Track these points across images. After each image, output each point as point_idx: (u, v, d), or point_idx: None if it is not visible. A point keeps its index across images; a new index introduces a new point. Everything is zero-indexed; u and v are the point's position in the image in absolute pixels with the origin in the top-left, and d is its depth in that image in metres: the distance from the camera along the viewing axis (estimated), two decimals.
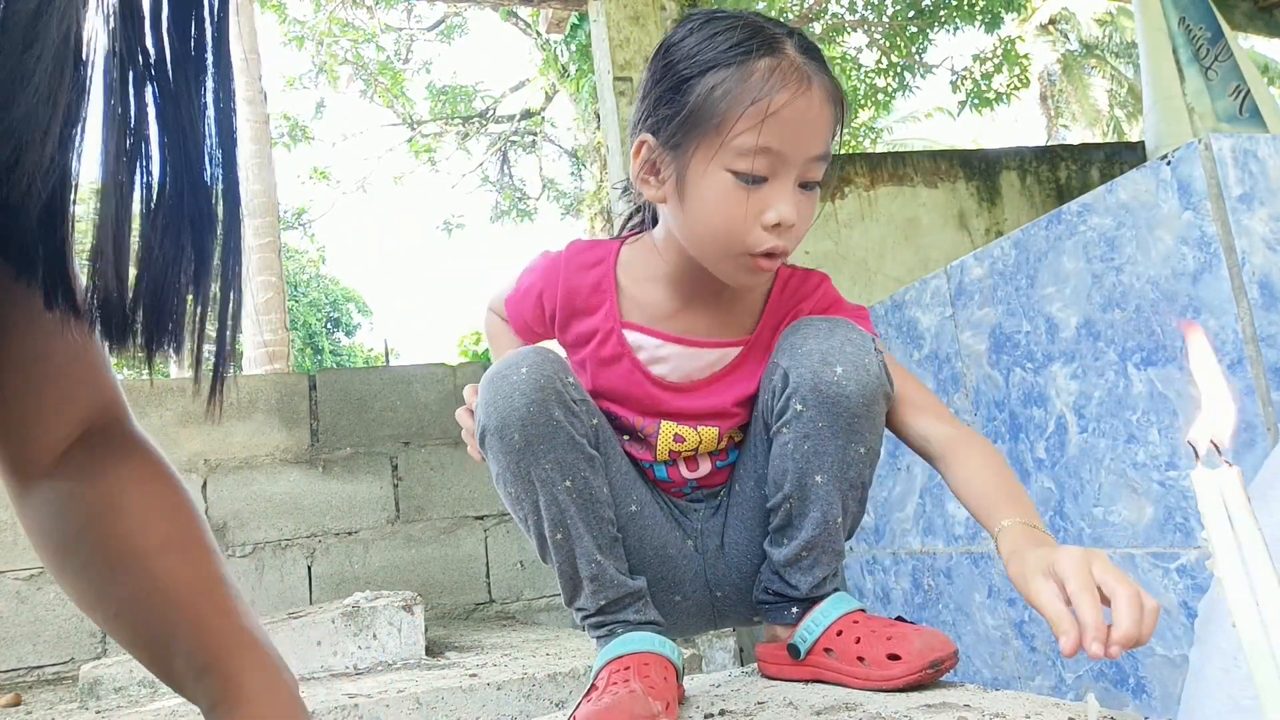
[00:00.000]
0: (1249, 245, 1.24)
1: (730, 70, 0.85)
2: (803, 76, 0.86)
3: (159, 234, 0.48)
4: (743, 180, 0.86)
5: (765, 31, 0.87)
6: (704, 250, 0.92)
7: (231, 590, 0.58)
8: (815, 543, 0.95)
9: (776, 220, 0.86)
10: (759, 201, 0.86)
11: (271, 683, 0.55)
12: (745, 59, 0.85)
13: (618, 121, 3.31)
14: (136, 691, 1.88)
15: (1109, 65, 14.10)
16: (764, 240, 0.88)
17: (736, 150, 0.85)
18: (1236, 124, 3.08)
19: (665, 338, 0.99)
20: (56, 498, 0.60)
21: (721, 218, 0.88)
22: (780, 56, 0.86)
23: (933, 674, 0.88)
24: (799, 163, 0.87)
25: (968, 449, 0.93)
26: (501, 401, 0.90)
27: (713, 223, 0.89)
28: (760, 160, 0.85)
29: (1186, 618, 1.32)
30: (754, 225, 0.87)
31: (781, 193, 0.87)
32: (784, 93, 0.84)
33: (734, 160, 0.85)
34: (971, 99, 6.32)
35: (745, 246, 0.88)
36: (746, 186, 0.86)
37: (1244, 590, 0.45)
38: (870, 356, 0.93)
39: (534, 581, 3.10)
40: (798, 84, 0.85)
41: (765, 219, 0.87)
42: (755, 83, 0.84)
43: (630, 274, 1.01)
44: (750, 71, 0.85)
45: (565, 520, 0.92)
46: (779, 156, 0.85)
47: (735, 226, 0.87)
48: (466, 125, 10.29)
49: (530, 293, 1.04)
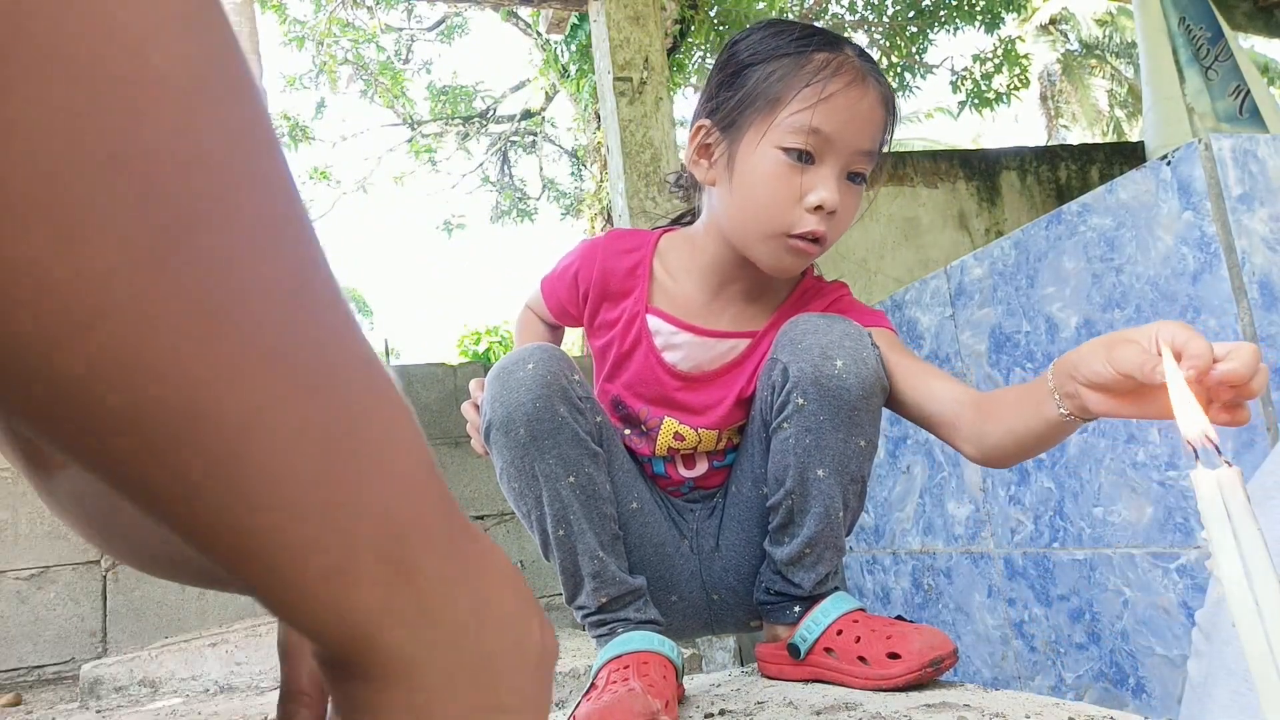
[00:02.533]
0: (1249, 245, 1.24)
1: (790, 59, 0.91)
2: (859, 73, 0.91)
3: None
4: (791, 157, 0.89)
5: (828, 34, 0.94)
6: (746, 230, 0.94)
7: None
8: (818, 539, 0.96)
9: (818, 202, 0.89)
10: (805, 183, 0.90)
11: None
12: (805, 49, 0.91)
13: (618, 121, 3.31)
14: (137, 691, 1.88)
15: (1109, 65, 14.11)
16: (805, 221, 0.90)
17: (789, 128, 0.89)
18: (1236, 124, 3.08)
19: (682, 325, 1.01)
20: (82, 480, 0.59)
21: (768, 194, 0.91)
22: (839, 53, 0.92)
23: (933, 673, 0.88)
24: (847, 152, 0.90)
25: (989, 400, 0.86)
26: (507, 397, 0.90)
27: (758, 199, 0.91)
28: (811, 139, 0.88)
29: (1186, 618, 1.32)
30: (797, 205, 0.90)
31: (827, 178, 0.90)
32: (838, 81, 0.89)
33: (785, 137, 0.89)
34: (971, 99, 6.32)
35: (786, 225, 0.91)
36: (795, 164, 0.89)
37: (1244, 590, 0.45)
38: (868, 350, 0.93)
39: (534, 581, 3.10)
40: (853, 76, 0.90)
41: (808, 200, 0.90)
42: (812, 69, 0.90)
43: (665, 264, 1.03)
44: (809, 60, 0.90)
45: (568, 516, 0.92)
46: (828, 140, 0.89)
47: (780, 204, 0.90)
48: (467, 125, 10.29)
49: (567, 272, 1.07)
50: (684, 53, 5.64)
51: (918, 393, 0.93)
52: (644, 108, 3.35)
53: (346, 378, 0.22)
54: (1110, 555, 1.45)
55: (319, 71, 8.22)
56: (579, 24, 6.53)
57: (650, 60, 3.40)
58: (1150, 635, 1.38)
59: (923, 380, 0.93)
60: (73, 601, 2.62)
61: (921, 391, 0.92)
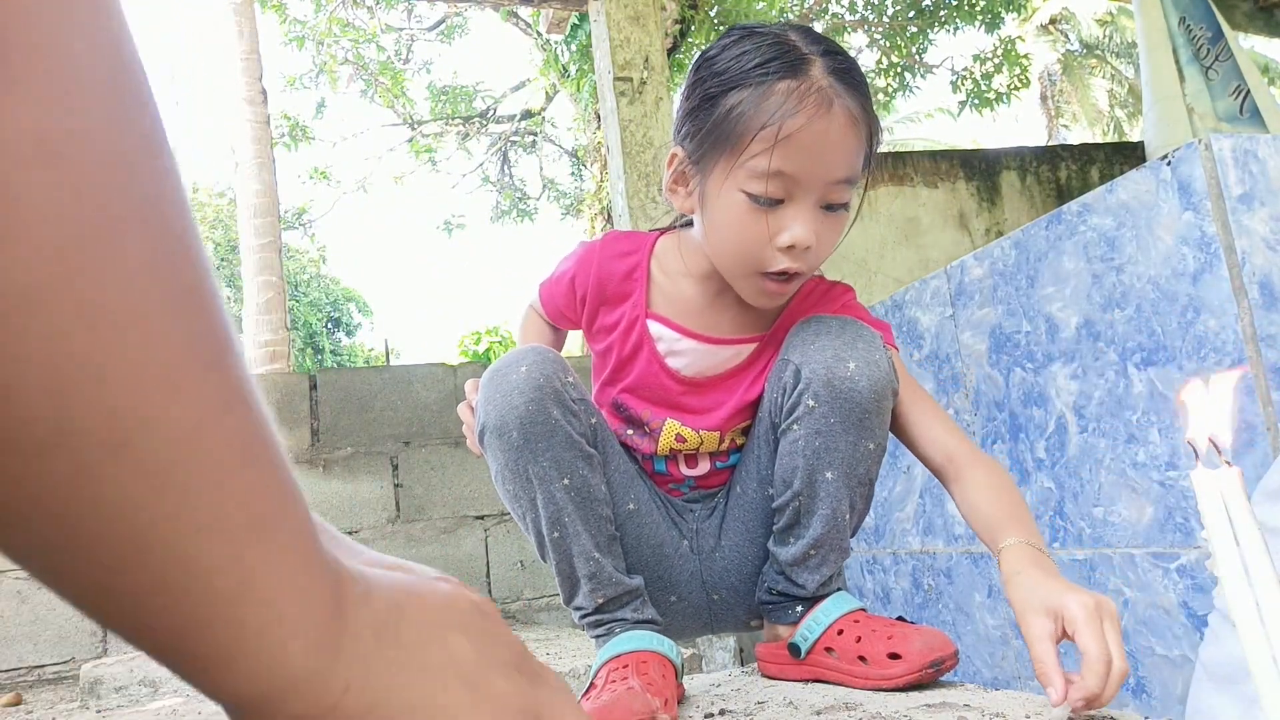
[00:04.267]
0: (1249, 245, 1.24)
1: (749, 91, 0.85)
2: (823, 100, 0.84)
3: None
4: (756, 201, 0.86)
5: (793, 52, 0.86)
6: (722, 265, 0.94)
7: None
8: (823, 540, 0.96)
9: (790, 243, 0.86)
10: (774, 223, 0.87)
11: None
12: (764, 80, 0.84)
13: (618, 121, 3.31)
14: (137, 691, 1.88)
15: (1109, 65, 14.10)
16: (778, 260, 0.88)
17: (749, 172, 0.85)
18: (1237, 124, 3.08)
19: (685, 332, 1.00)
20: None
21: (736, 236, 0.89)
22: (802, 79, 0.84)
23: (933, 674, 0.88)
24: (818, 186, 0.86)
25: (978, 471, 0.92)
26: (501, 400, 0.90)
27: (728, 241, 0.90)
28: (774, 183, 0.85)
29: (1186, 618, 1.32)
30: (768, 245, 0.87)
31: (798, 215, 0.86)
32: (799, 117, 0.83)
33: (747, 182, 0.86)
34: (972, 99, 6.32)
35: (758, 265, 0.89)
36: (761, 208, 0.86)
37: (1244, 590, 0.45)
38: (880, 353, 0.93)
39: (534, 581, 3.10)
40: (815, 107, 0.84)
41: (779, 241, 0.87)
42: (770, 105, 0.84)
43: (663, 267, 1.02)
44: (768, 93, 0.84)
45: (563, 518, 0.92)
46: (794, 180, 0.85)
47: (750, 245, 0.88)
48: (467, 125, 10.29)
49: (564, 277, 1.06)
50: (684, 52, 5.64)
51: (916, 429, 0.97)
52: (644, 107, 3.35)
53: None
54: (1110, 555, 1.45)
55: (319, 71, 8.22)
56: (579, 24, 6.53)
57: (650, 60, 3.40)
58: (1150, 635, 1.38)
59: (923, 419, 0.97)
60: None
61: (920, 431, 0.97)
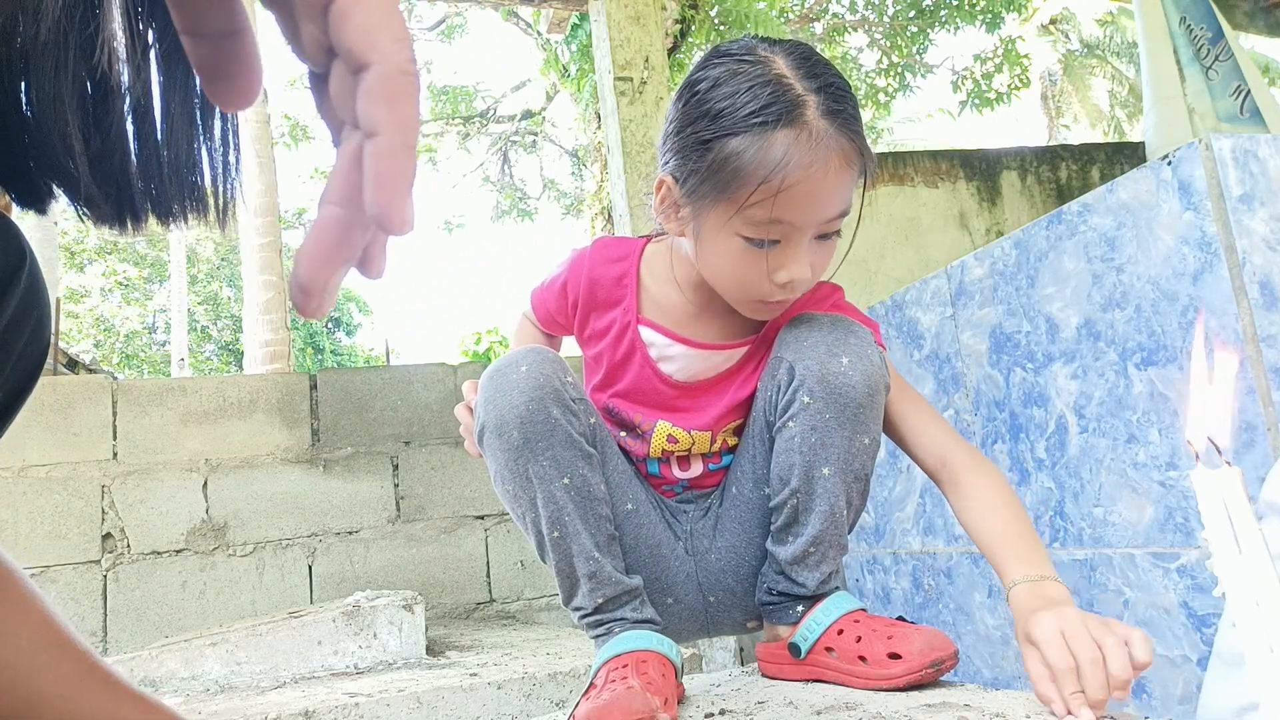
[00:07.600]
0: (1249, 245, 1.24)
1: (748, 139, 0.84)
2: (819, 143, 0.84)
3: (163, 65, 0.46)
4: (754, 245, 0.88)
5: (789, 94, 0.84)
6: (719, 291, 0.96)
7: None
8: (822, 537, 0.96)
9: (788, 280, 0.89)
10: (773, 261, 0.89)
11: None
12: (764, 129, 0.83)
13: (618, 121, 3.31)
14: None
15: (1110, 65, 14.10)
16: (775, 293, 0.91)
17: (748, 220, 0.86)
18: (1237, 124, 3.07)
19: (676, 338, 1.01)
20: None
21: (734, 274, 0.91)
22: (800, 126, 0.83)
23: (933, 674, 0.88)
24: (814, 225, 0.88)
25: (976, 480, 0.94)
26: (500, 399, 0.90)
27: (726, 277, 0.92)
28: (773, 229, 0.86)
29: (1186, 618, 1.32)
30: (765, 280, 0.90)
31: (796, 255, 0.89)
32: (798, 170, 0.83)
33: (744, 228, 0.87)
34: (972, 99, 6.32)
35: (756, 296, 0.92)
36: (759, 250, 0.88)
37: (1244, 590, 0.45)
38: (872, 348, 0.95)
39: (534, 581, 3.10)
40: (812, 158, 0.83)
41: (777, 278, 0.89)
42: (770, 158, 0.83)
43: (652, 272, 1.03)
44: (768, 144, 0.83)
45: (563, 518, 0.92)
46: (791, 225, 0.87)
47: (748, 281, 0.91)
48: (467, 125, 10.29)
49: (556, 284, 1.07)
50: (684, 52, 5.64)
51: (909, 431, 1.00)
52: (644, 107, 3.35)
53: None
54: (1111, 555, 1.45)
55: None
56: (579, 24, 6.52)
57: (651, 60, 3.40)
58: (1150, 635, 1.38)
59: (915, 420, 1.00)
60: (73, 601, 2.62)
61: (912, 432, 1.00)
